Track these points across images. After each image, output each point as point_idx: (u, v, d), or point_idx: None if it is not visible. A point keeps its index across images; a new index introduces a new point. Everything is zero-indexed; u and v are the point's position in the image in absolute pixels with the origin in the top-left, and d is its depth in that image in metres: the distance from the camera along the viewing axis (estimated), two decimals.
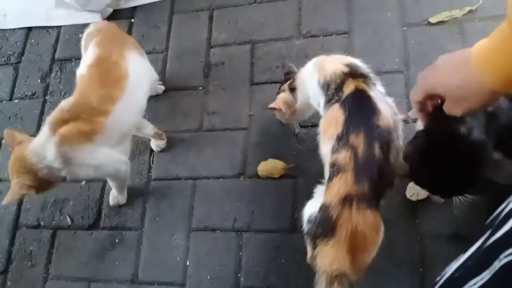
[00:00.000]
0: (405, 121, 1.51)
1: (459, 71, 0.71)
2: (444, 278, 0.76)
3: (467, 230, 1.35)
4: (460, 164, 0.95)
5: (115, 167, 1.57)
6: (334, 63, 1.23)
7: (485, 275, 0.61)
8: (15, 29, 2.32)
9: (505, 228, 0.64)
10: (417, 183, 1.11)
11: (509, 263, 0.58)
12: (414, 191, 1.43)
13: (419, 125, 1.07)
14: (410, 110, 1.53)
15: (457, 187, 1.00)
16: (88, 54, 1.49)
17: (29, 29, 2.30)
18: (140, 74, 1.56)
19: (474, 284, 0.62)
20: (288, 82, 1.48)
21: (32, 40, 2.27)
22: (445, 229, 1.40)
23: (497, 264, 0.60)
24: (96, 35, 1.54)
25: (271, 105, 1.48)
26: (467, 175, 0.96)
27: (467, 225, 1.35)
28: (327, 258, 1.03)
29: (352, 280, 1.02)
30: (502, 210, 0.69)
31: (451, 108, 0.76)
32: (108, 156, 1.50)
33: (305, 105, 1.42)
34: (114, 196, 1.76)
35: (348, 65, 1.21)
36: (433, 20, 1.69)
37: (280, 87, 1.53)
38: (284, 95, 1.47)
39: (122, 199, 1.76)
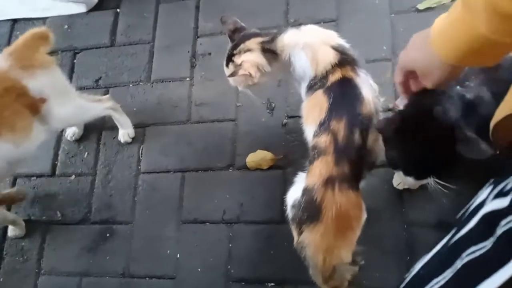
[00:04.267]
0: (392, 110, 1.51)
1: (422, 46, 0.75)
2: (412, 274, 0.76)
3: (454, 218, 1.35)
4: (432, 142, 0.96)
5: None
6: (327, 52, 1.19)
7: (448, 274, 0.61)
8: (0, 21, 2.27)
9: (469, 226, 0.64)
10: (390, 163, 1.12)
11: (470, 262, 0.58)
12: (401, 180, 1.43)
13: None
14: (397, 98, 1.53)
15: (430, 167, 1.01)
16: None
17: (14, 20, 2.26)
18: None
19: (437, 283, 0.62)
20: (261, 41, 1.29)
21: (18, 32, 2.22)
22: (432, 217, 1.41)
23: (459, 263, 0.60)
24: None
25: (240, 72, 1.26)
26: (439, 155, 0.97)
27: (454, 213, 1.35)
28: (318, 253, 1.06)
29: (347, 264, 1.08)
30: (469, 207, 0.69)
31: (423, 81, 0.82)
32: None
33: (281, 74, 1.34)
34: (12, 228, 1.77)
35: (338, 51, 1.19)
36: (421, 6, 1.67)
37: (235, 48, 1.31)
38: (253, 57, 1.27)
39: (20, 231, 1.77)
